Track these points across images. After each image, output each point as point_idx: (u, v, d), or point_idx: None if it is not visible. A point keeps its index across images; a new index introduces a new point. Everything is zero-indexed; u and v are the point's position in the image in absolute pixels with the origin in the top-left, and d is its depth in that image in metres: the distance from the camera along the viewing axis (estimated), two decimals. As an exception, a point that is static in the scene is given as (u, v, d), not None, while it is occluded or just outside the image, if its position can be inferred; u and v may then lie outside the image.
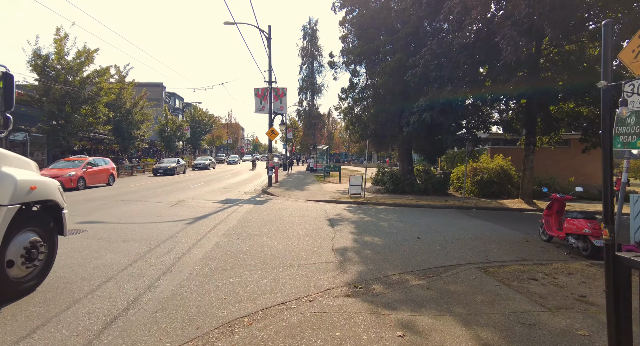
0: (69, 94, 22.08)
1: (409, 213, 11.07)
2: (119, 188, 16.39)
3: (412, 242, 6.99)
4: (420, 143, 16.03)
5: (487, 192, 16.92)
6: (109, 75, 24.85)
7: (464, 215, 11.32)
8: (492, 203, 14.09)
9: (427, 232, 8.01)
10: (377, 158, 61.22)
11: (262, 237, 7.05)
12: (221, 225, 8.04)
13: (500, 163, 17.28)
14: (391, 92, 15.11)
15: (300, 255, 5.79)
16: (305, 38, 38.28)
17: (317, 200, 13.78)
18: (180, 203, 11.62)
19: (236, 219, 8.90)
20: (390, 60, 14.09)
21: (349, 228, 8.14)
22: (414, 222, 9.41)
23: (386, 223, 8.96)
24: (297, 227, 8.14)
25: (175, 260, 5.35)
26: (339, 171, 23.62)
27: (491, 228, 8.87)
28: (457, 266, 5.51)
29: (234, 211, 10.28)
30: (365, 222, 9.17)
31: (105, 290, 4.08)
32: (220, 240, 6.63)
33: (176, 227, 7.74)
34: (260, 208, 11.16)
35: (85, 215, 8.92)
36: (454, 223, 9.36)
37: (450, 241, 7.20)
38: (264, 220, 8.92)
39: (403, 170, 18.43)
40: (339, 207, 12.02)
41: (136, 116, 31.35)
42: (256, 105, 19.13)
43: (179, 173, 28.79)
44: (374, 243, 6.78)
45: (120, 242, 6.30)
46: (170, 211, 9.97)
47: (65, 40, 22.18)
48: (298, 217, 9.57)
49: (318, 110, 40.32)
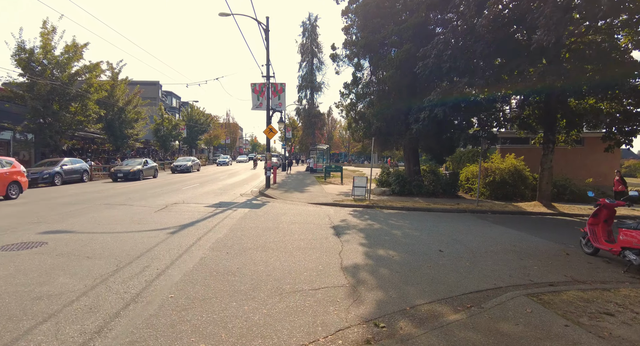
0: (56, 90, 20.95)
1: (421, 219, 9.99)
2: (105, 191, 15.27)
3: (435, 256, 5.90)
4: (428, 142, 14.95)
5: (499, 194, 15.86)
6: (100, 71, 23.68)
7: (482, 220, 10.24)
8: (507, 207, 13.01)
9: (448, 243, 6.92)
10: (378, 158, 60.16)
11: (256, 250, 5.95)
12: (210, 235, 6.93)
13: (513, 163, 16.22)
14: (398, 86, 14.02)
15: (303, 277, 4.69)
16: (305, 34, 37.19)
17: (318, 203, 12.70)
18: (167, 208, 10.52)
19: (228, 227, 7.80)
20: (398, 52, 13.01)
21: (357, 238, 7.05)
22: (429, 229, 8.32)
23: (399, 232, 7.87)
24: (298, 236, 7.05)
25: (146, 284, 4.25)
26: (341, 172, 22.52)
27: (519, 237, 7.79)
28: (497, 289, 4.44)
29: (227, 217, 9.18)
30: (375, 229, 8.08)
31: (35, 339, 2.97)
32: (205, 256, 5.53)
33: (157, 237, 6.63)
34: (257, 213, 10.07)
35: (54, 223, 7.81)
36: (475, 231, 8.27)
37: (478, 254, 6.11)
38: (259, 228, 7.82)
39: (409, 170, 17.36)
40: (343, 211, 10.93)
41: (129, 114, 30.22)
42: (253, 101, 18.03)
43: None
44: (389, 259, 5.69)
45: (83, 258, 5.19)
46: (155, 217, 8.86)
47: (53, 33, 21.05)
48: (298, 223, 8.47)
49: (318, 109, 39.23)
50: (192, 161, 30.99)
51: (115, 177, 20.45)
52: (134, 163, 22.69)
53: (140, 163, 22.85)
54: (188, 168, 29.33)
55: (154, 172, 24.19)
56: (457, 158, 23.34)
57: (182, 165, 29.37)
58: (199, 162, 32.86)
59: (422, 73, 11.93)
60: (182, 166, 29.21)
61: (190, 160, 30.77)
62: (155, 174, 24.30)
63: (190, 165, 29.95)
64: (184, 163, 29.60)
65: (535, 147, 21.06)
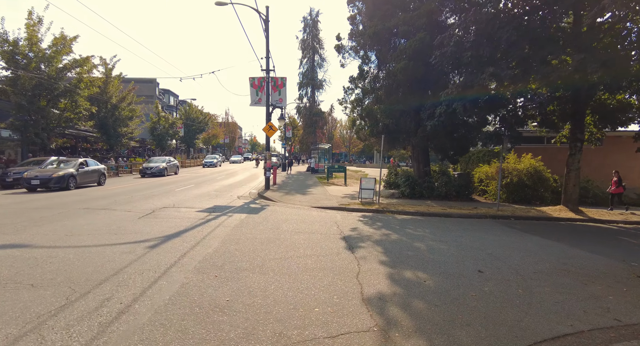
0: (43, 85, 19.71)
1: (440, 226, 8.81)
2: (89, 192, 14.07)
3: (476, 280, 4.72)
4: (441, 141, 13.78)
5: (516, 197, 14.70)
6: (90, 66, 22.43)
7: (508, 228, 9.07)
8: (530, 211, 11.85)
9: (484, 260, 5.74)
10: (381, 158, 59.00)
11: (252, 272, 4.76)
12: (197, 250, 5.74)
13: (532, 164, 15.05)
14: (410, 79, 12.84)
15: (314, 315, 3.51)
16: (306, 30, 35.95)
17: (323, 207, 11.53)
18: (154, 213, 9.33)
19: (220, 238, 6.61)
20: (410, 41, 11.83)
21: (375, 254, 5.87)
22: (455, 240, 7.14)
23: (422, 244, 6.69)
24: (303, 251, 5.86)
25: (99, 331, 3.06)
26: (344, 172, 21.32)
27: (563, 251, 6.61)
28: (579, 335, 3.26)
29: (220, 225, 7.99)
30: (393, 241, 6.90)
31: None
32: (188, 281, 4.34)
33: (131, 253, 5.45)
34: (255, 219, 8.88)
35: (11, 233, 6.60)
36: (508, 243, 7.10)
37: (527, 277, 4.93)
38: (257, 239, 6.63)
39: (418, 171, 16.18)
40: (351, 217, 9.75)
41: (123, 112, 29.01)
42: (252, 97, 16.84)
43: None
44: (421, 284, 4.51)
45: (25, 287, 4.00)
46: (137, 225, 7.67)
47: (39, 25, 19.83)
48: (303, 233, 7.28)
49: (319, 107, 37.98)
50: (168, 162, 26.13)
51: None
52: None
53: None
54: (161, 171, 24.48)
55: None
56: (466, 158, 22.16)
57: (153, 167, 24.47)
58: (176, 163, 28.08)
59: (439, 63, 10.77)
60: (154, 168, 24.33)
61: (164, 161, 25.81)
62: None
63: (164, 167, 24.95)
64: (155, 166, 24.69)
65: (551, 147, 19.91)
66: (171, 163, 26.88)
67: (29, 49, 19.31)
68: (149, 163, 25.76)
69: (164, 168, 24.81)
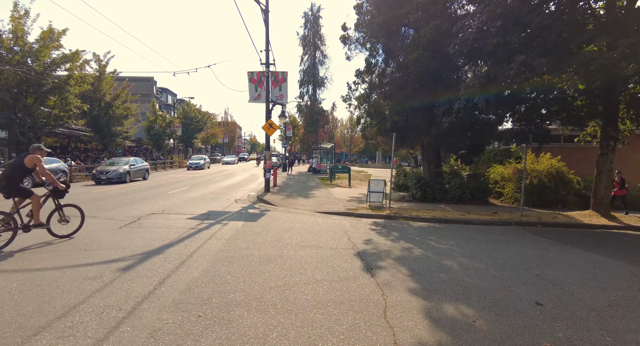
0: (30, 81, 18.62)
1: (464, 236, 7.70)
2: (75, 196, 12.95)
3: (540, 320, 3.61)
4: (456, 139, 12.66)
5: (537, 200, 13.58)
6: (82, 61, 21.32)
7: (541, 237, 7.96)
8: (557, 217, 10.74)
9: (536, 285, 4.63)
10: (382, 158, 57.88)
11: (248, 308, 3.65)
12: (180, 274, 4.63)
13: (553, 164, 13.95)
14: (423, 73, 11.72)
15: (336, 390, 2.40)
16: (307, 26, 34.80)
17: (328, 213, 10.43)
18: (139, 221, 8.22)
19: (210, 256, 5.49)
20: (425, 29, 10.70)
21: (401, 278, 4.75)
22: (490, 256, 6.03)
23: (453, 263, 5.57)
24: (312, 274, 4.75)
25: None
26: (349, 173, 20.18)
27: (627, 271, 5.48)
28: None
29: (212, 235, 6.88)
30: (418, 258, 5.78)
31: None
32: (161, 326, 3.23)
33: (97, 279, 4.33)
34: (253, 228, 7.77)
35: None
36: (554, 261, 5.99)
37: (605, 314, 3.82)
38: (255, 258, 5.51)
39: (429, 172, 15.07)
40: (362, 225, 8.64)
41: (118, 110, 27.88)
42: (250, 93, 15.72)
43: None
44: (471, 327, 3.40)
45: None
46: (115, 237, 6.55)
47: (25, 17, 18.74)
48: (309, 248, 6.17)
49: (321, 106, 36.86)
50: (132, 164, 19.90)
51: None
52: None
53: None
54: (120, 176, 18.28)
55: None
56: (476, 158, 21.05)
57: (111, 171, 18.17)
58: (145, 167, 21.57)
59: (458, 52, 9.64)
60: (112, 173, 18.09)
61: (127, 163, 19.59)
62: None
63: (126, 170, 18.82)
64: (113, 170, 18.32)
65: (568, 146, 18.82)
66: (138, 167, 20.48)
67: (14, 42, 18.22)
68: (106, 166, 19.31)
69: (124, 173, 18.58)
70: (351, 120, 66.72)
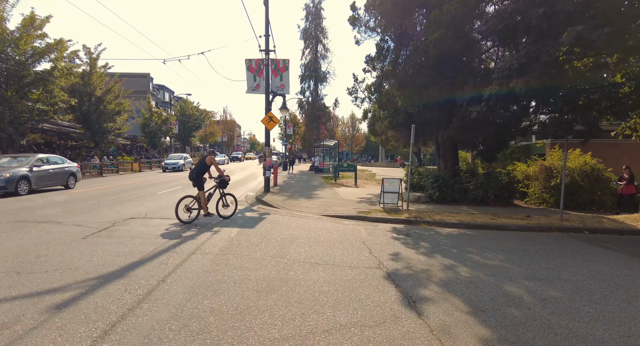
0: (9, 72, 17.15)
1: (510, 248, 6.25)
2: (46, 197, 11.50)
3: None
4: (481, 133, 11.19)
5: (569, 202, 12.10)
6: (65, 49, 19.78)
7: (601, 248, 6.53)
8: (603, 221, 9.30)
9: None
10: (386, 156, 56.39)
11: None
12: (138, 316, 3.17)
13: (587, 162, 12.49)
14: (443, 56, 10.25)
15: None
16: (309, 18, 33.31)
17: (338, 216, 8.99)
18: (114, 227, 6.77)
19: (189, 282, 4.03)
20: (449, 4, 9.23)
21: (460, 318, 3.30)
22: (560, 278, 4.57)
23: (520, 290, 4.11)
24: (332, 314, 3.29)
25: None
26: (355, 172, 18.71)
27: None
28: None
29: (198, 248, 5.42)
30: (471, 282, 4.32)
31: None
32: None
33: (3, 329, 2.87)
34: (250, 237, 6.31)
35: None
36: (643, 282, 4.54)
37: None
38: (251, 283, 4.05)
39: (446, 170, 13.62)
40: (380, 232, 7.19)
41: (109, 106, 26.36)
42: (248, 83, 14.24)
43: None
44: None
45: None
46: (73, 250, 5.10)
47: (4, 2, 17.26)
48: (322, 266, 4.72)
49: (323, 102, 35.40)
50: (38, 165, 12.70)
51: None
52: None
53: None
54: (7, 182, 11.22)
55: None
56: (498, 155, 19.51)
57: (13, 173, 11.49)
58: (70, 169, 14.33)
59: (492, 29, 8.19)
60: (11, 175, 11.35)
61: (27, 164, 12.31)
62: None
63: (24, 174, 11.81)
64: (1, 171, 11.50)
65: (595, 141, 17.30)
66: (55, 169, 13.47)
67: (-10, 29, 16.73)
68: None
69: (21, 177, 11.70)
70: (353, 118, 65.27)
